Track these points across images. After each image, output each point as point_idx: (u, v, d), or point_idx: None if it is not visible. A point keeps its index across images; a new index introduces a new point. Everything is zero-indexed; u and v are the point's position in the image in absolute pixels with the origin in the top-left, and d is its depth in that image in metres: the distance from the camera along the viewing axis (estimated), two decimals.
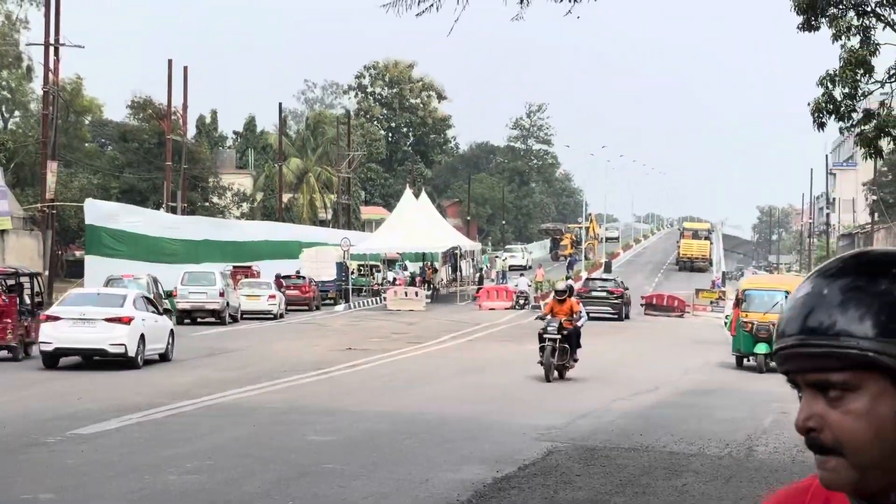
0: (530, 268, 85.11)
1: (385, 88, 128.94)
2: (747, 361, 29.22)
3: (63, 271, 59.75)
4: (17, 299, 27.38)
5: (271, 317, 46.89)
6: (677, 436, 16.31)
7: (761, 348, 27.99)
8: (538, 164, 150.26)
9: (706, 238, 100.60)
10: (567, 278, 60.88)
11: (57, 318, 25.25)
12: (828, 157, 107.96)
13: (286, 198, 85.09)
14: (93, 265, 45.94)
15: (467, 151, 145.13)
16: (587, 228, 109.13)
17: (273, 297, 47.72)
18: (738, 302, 29.98)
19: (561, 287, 26.47)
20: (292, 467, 13.12)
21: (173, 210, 59.65)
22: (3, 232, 49.21)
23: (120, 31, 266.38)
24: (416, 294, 58.38)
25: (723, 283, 74.90)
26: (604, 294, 53.00)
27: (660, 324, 51.20)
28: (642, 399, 21.53)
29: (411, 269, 73.06)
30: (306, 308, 53.28)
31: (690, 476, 13.07)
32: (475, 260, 78.12)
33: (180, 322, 40.08)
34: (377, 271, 68.06)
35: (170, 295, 42.41)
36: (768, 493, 1.86)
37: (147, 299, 28.14)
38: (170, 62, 59.30)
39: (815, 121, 18.39)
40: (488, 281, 74.05)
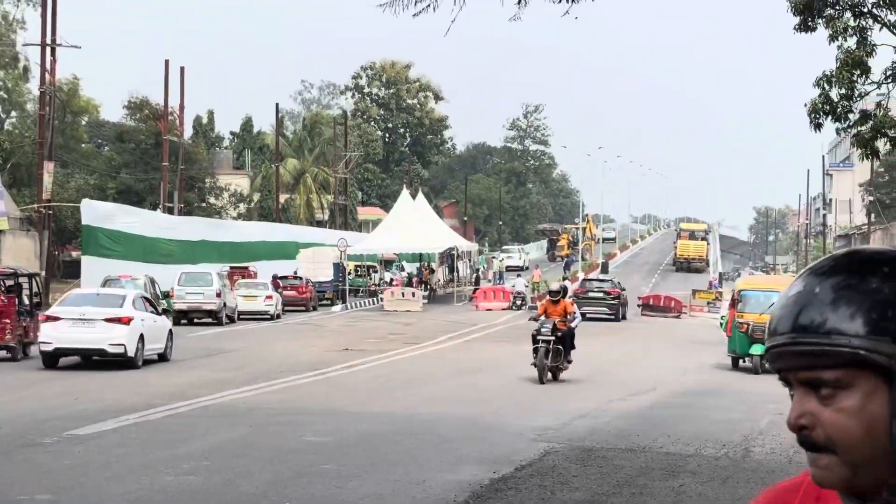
0: (527, 268, 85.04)
1: (382, 89, 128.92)
2: (743, 362, 29.02)
3: (59, 272, 59.66)
4: (16, 300, 27.43)
5: (268, 317, 46.87)
6: (674, 436, 16.32)
7: (757, 349, 27.52)
8: (535, 165, 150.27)
9: (703, 239, 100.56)
10: (564, 279, 60.82)
11: (57, 319, 25.31)
12: (824, 157, 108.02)
13: (283, 198, 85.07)
14: (89, 266, 45.90)
15: (464, 152, 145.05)
16: (584, 229, 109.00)
17: (270, 297, 47.73)
18: (734, 303, 29.82)
19: (555, 288, 26.27)
20: (289, 468, 13.12)
21: (170, 210, 59.60)
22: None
23: (117, 32, 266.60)
24: (413, 295, 58.33)
25: (719, 283, 74.78)
26: (600, 295, 53.03)
27: (656, 324, 51.18)
28: (639, 400, 21.54)
29: (408, 270, 73.03)
30: (303, 309, 53.27)
31: (687, 477, 13.08)
32: (472, 261, 77.99)
33: (177, 323, 40.00)
34: (374, 272, 67.96)
35: (167, 295, 42.41)
36: (760, 491, 1.86)
37: (146, 299, 28.21)
38: (166, 62, 59.40)
39: (811, 122, 18.42)
40: (485, 282, 73.95)
